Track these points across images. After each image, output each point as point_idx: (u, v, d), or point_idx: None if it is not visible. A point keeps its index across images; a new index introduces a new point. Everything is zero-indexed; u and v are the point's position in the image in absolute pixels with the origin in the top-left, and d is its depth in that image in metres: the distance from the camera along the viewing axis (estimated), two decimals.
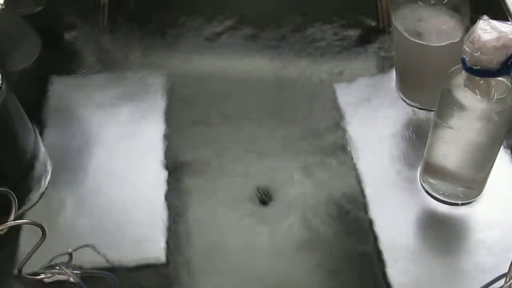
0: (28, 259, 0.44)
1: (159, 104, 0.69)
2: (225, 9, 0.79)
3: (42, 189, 0.60)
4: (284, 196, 0.60)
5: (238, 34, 0.77)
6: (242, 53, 0.75)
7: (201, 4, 0.80)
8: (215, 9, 0.79)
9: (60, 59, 0.75)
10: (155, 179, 0.61)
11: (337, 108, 0.68)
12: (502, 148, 0.53)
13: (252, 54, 0.75)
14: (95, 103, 0.69)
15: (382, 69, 0.72)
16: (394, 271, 0.53)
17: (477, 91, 0.47)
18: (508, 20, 0.45)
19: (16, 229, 0.42)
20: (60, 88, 0.70)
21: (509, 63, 0.44)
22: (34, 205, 0.59)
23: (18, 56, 0.69)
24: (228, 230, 0.58)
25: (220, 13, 0.79)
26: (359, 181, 0.60)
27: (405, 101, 0.67)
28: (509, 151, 0.61)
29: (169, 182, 0.61)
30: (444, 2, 0.57)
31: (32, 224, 0.42)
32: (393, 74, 0.69)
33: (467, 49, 0.44)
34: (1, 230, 0.40)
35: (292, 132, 0.66)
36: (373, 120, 0.66)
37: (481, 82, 0.46)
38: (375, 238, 0.56)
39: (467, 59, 0.45)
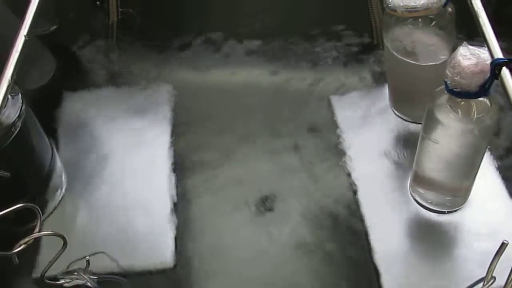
0: (50, 266, 0.48)
1: (166, 115, 0.72)
2: (226, 25, 0.82)
3: (58, 200, 0.63)
4: (284, 203, 0.63)
5: (239, 49, 0.80)
6: (243, 66, 0.78)
7: (202, 20, 0.83)
8: (216, 24, 0.82)
9: (73, 76, 0.78)
10: (163, 188, 0.64)
11: (332, 120, 0.71)
12: (484, 158, 0.56)
13: (252, 67, 0.78)
14: (107, 116, 0.72)
15: (377, 83, 0.75)
16: (386, 273, 0.56)
17: (458, 110, 0.50)
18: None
19: (37, 238, 0.46)
20: (73, 104, 0.74)
21: (486, 86, 0.47)
22: (50, 214, 0.62)
23: (35, 75, 0.73)
24: (232, 235, 0.61)
25: (221, 28, 0.82)
26: (353, 190, 0.64)
27: (396, 115, 0.70)
28: (492, 162, 0.65)
29: (176, 191, 0.64)
30: (432, 24, 0.60)
31: (55, 235, 0.46)
32: (386, 88, 0.72)
33: (448, 73, 0.48)
34: (28, 241, 0.44)
35: (290, 142, 0.69)
36: (367, 133, 0.69)
37: (462, 102, 0.50)
38: (368, 243, 0.59)
39: (448, 82, 0.49)
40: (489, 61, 0.44)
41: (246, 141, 0.69)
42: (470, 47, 0.48)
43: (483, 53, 0.47)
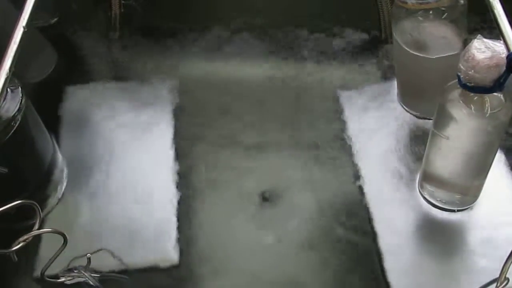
0: (50, 264, 0.47)
1: (170, 110, 0.71)
2: (230, 18, 0.81)
3: (59, 196, 0.62)
4: (289, 198, 0.62)
5: (244, 42, 0.79)
6: (248, 60, 0.77)
7: (206, 14, 0.82)
8: (221, 17, 0.81)
9: (75, 70, 0.77)
10: (166, 184, 0.63)
11: (340, 115, 0.70)
12: (496, 156, 0.54)
13: (258, 61, 0.77)
14: (109, 111, 0.71)
15: (385, 78, 0.73)
16: (394, 272, 0.56)
17: (471, 105, 0.49)
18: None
19: (37, 235, 0.45)
20: (75, 98, 0.73)
21: (502, 80, 0.46)
22: (51, 210, 0.61)
23: (35, 68, 0.71)
24: (235, 231, 0.60)
25: (225, 21, 0.81)
26: (360, 187, 0.62)
27: (405, 110, 0.69)
28: (504, 160, 0.63)
29: (179, 187, 0.63)
30: (443, 17, 0.58)
31: (55, 233, 0.45)
32: (395, 82, 0.71)
33: (462, 67, 0.47)
34: (27, 239, 0.43)
35: (296, 137, 0.68)
36: (374, 128, 0.68)
37: (475, 97, 0.48)
38: (375, 241, 0.58)
39: (462, 76, 0.47)
40: (505, 54, 0.43)
41: (251, 135, 0.68)
42: (485, 40, 0.46)
43: (499, 46, 0.45)
